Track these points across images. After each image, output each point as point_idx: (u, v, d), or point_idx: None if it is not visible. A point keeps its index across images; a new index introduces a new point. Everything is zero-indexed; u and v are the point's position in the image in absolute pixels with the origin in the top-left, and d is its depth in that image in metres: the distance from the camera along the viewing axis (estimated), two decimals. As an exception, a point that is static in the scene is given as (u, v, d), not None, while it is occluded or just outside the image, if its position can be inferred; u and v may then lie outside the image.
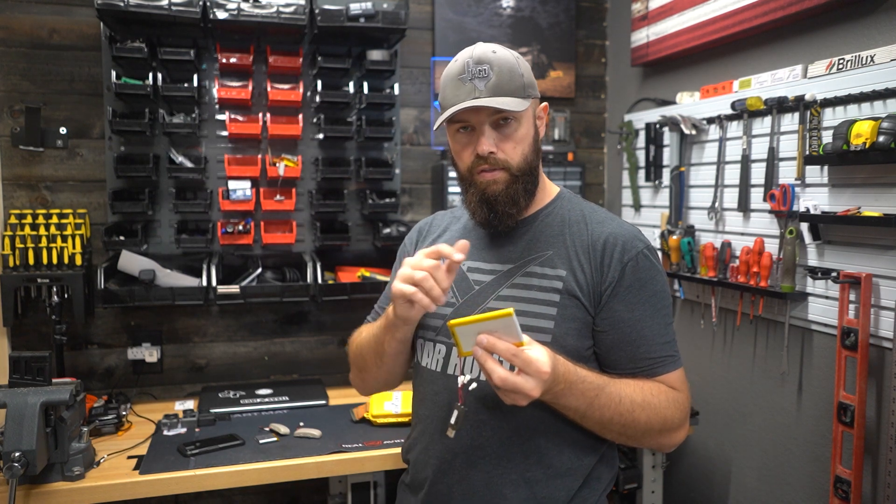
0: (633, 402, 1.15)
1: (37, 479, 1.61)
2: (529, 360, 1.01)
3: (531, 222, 1.28)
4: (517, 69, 1.20)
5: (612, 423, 1.16)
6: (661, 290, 1.22)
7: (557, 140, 2.69)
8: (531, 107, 1.23)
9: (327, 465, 1.80)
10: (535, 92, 1.24)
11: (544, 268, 1.23)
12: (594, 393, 1.12)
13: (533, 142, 1.25)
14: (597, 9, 2.79)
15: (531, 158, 1.24)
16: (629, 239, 1.22)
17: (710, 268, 2.06)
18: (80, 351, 2.28)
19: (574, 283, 1.21)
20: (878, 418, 1.60)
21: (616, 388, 1.15)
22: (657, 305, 1.21)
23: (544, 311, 1.21)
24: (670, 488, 2.36)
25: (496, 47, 1.22)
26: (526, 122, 1.23)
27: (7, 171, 2.18)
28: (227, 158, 2.32)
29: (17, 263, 2.03)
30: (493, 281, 1.26)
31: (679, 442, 1.25)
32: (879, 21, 1.63)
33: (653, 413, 1.17)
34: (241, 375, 2.45)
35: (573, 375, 1.09)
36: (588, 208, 1.30)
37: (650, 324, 1.20)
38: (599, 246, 1.22)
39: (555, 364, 1.05)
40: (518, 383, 1.01)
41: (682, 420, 1.22)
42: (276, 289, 2.23)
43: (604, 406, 1.13)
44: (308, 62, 2.38)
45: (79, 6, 2.21)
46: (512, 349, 1.02)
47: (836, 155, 1.59)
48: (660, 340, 1.21)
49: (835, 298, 1.69)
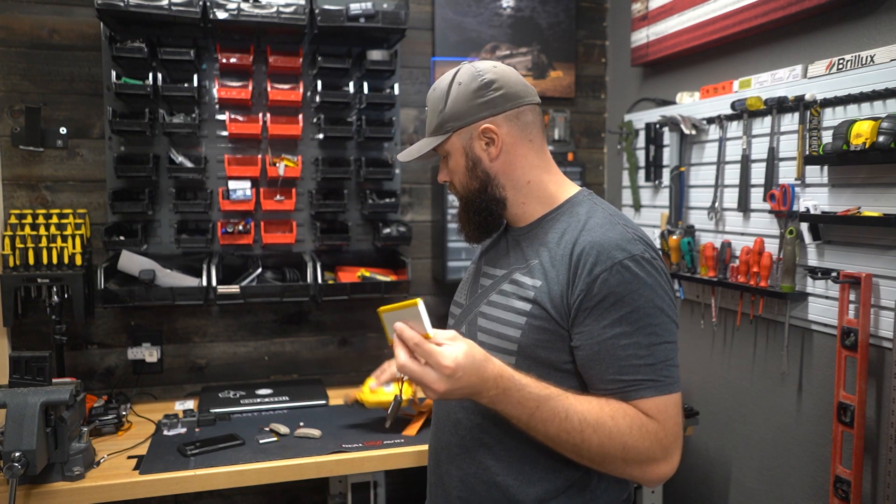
0: (584, 420, 1.07)
1: (37, 479, 1.61)
2: (430, 351, 1.01)
3: (533, 228, 1.27)
4: (438, 106, 1.26)
5: (560, 440, 1.09)
6: (645, 305, 1.10)
7: (557, 140, 2.69)
8: (456, 138, 1.25)
9: (327, 465, 1.80)
10: (458, 122, 1.24)
11: (524, 277, 1.22)
12: (534, 404, 1.06)
13: (466, 171, 1.26)
14: (597, 9, 2.79)
15: (470, 185, 1.27)
16: (608, 249, 1.12)
17: (710, 268, 2.06)
18: (80, 351, 2.28)
19: (546, 295, 1.16)
20: (878, 418, 1.60)
21: (564, 404, 1.08)
22: (638, 323, 1.09)
23: (514, 320, 1.19)
24: (670, 488, 2.36)
25: (440, 81, 1.28)
26: (454, 153, 1.26)
27: (7, 171, 2.18)
28: (227, 158, 2.32)
29: (17, 263, 2.03)
30: (491, 286, 1.28)
31: (660, 477, 1.12)
32: (879, 21, 1.63)
33: (606, 437, 1.07)
34: (241, 375, 2.45)
35: (508, 382, 1.05)
36: (594, 213, 1.22)
37: (625, 343, 1.09)
38: (575, 256, 1.14)
39: (476, 366, 1.03)
40: (415, 372, 1.02)
41: (656, 453, 1.10)
42: (276, 289, 2.23)
43: (547, 420, 1.07)
44: (308, 62, 2.38)
45: (79, 6, 2.21)
46: (415, 339, 1.02)
47: (836, 155, 1.59)
48: (636, 362, 1.10)
49: (835, 298, 1.69)
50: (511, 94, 1.23)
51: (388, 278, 2.39)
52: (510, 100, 1.23)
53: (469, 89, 1.23)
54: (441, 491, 1.31)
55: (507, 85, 1.23)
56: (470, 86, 1.23)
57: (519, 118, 1.24)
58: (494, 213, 1.28)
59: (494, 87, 1.22)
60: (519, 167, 1.26)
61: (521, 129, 1.24)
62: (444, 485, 1.30)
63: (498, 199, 1.27)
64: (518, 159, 1.25)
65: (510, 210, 1.29)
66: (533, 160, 1.26)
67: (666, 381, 1.10)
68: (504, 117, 1.23)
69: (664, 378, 1.10)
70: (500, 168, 1.25)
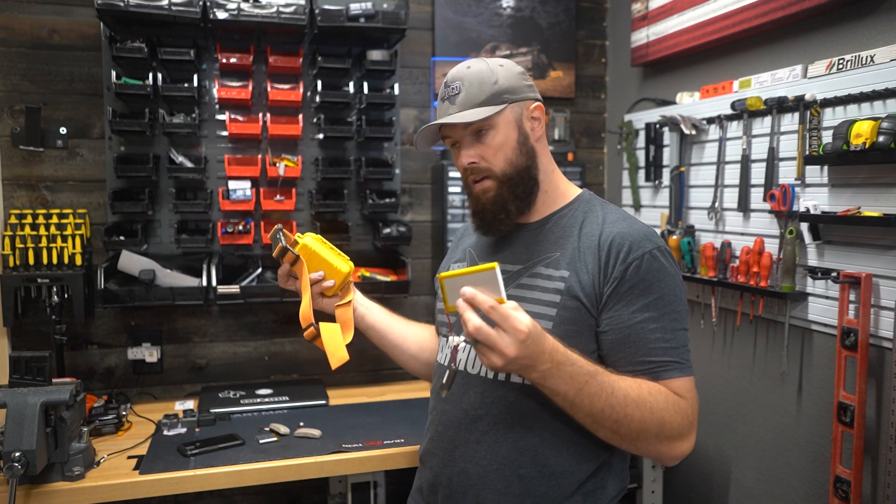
0: (628, 396, 1.11)
1: (37, 479, 1.61)
2: (507, 315, 1.01)
3: (544, 224, 1.30)
4: (489, 78, 1.25)
5: (604, 417, 1.11)
6: (669, 293, 1.19)
7: (557, 140, 2.69)
8: (510, 111, 1.26)
9: (327, 465, 1.80)
10: (515, 96, 1.27)
11: (549, 269, 1.24)
12: (584, 379, 1.09)
13: (518, 145, 1.27)
14: (597, 9, 2.79)
15: (518, 162, 1.27)
16: (638, 239, 1.20)
17: (710, 268, 2.06)
18: (80, 351, 2.28)
19: (577, 285, 1.20)
20: (878, 418, 1.60)
21: (609, 379, 1.12)
22: (664, 309, 1.18)
23: (544, 311, 1.21)
24: (670, 488, 2.36)
25: (474, 62, 1.29)
26: (504, 127, 1.26)
27: (7, 171, 2.18)
28: (227, 158, 2.32)
29: (17, 263, 2.03)
30: (506, 279, 1.27)
31: (682, 454, 1.19)
32: (879, 21, 1.63)
33: (648, 412, 1.12)
34: (241, 375, 2.45)
35: (562, 356, 1.07)
36: (608, 210, 1.30)
37: (653, 327, 1.17)
38: (606, 245, 1.21)
39: (539, 336, 1.04)
40: (491, 336, 1.01)
41: (684, 429, 1.17)
42: (276, 289, 2.23)
43: (594, 395, 1.10)
44: (308, 62, 2.38)
45: (79, 6, 2.21)
46: (490, 302, 1.02)
47: (836, 155, 1.59)
48: (664, 345, 1.17)
49: (835, 298, 1.69)
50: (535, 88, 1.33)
51: (388, 278, 2.39)
52: (537, 92, 1.33)
53: (515, 70, 1.30)
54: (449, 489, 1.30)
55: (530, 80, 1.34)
56: (514, 69, 1.30)
57: (542, 112, 1.32)
58: (533, 194, 1.30)
59: (527, 75, 1.32)
60: (545, 154, 1.33)
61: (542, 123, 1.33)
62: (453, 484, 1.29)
63: (537, 181, 1.30)
64: (544, 147, 1.33)
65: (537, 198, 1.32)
66: (547, 153, 1.34)
67: (686, 364, 1.20)
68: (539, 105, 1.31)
69: (685, 361, 1.20)
70: (538, 150, 1.31)
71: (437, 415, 1.36)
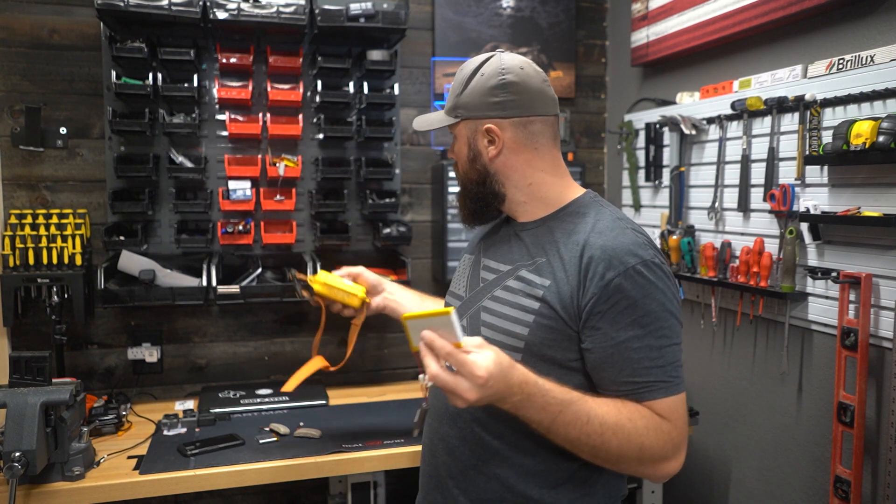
0: (604, 423, 1.09)
1: (37, 479, 1.61)
2: (463, 361, 1.00)
3: (539, 226, 1.28)
4: (458, 89, 1.28)
5: (580, 444, 1.10)
6: (656, 309, 1.13)
7: (557, 140, 2.69)
8: (464, 126, 1.27)
9: (327, 465, 1.80)
10: (468, 112, 1.26)
11: (532, 275, 1.22)
12: (557, 408, 1.07)
13: (467, 161, 1.29)
14: (597, 9, 2.79)
15: (470, 175, 1.30)
16: (620, 254, 1.14)
17: (710, 268, 2.06)
18: (80, 351, 2.28)
19: (556, 295, 1.17)
20: (878, 418, 1.60)
21: (585, 407, 1.09)
22: (650, 326, 1.12)
23: (522, 317, 1.20)
24: (670, 488, 2.36)
25: (471, 62, 1.29)
26: (460, 139, 1.30)
27: (7, 171, 2.18)
28: (227, 158, 2.32)
29: (17, 263, 2.03)
30: (493, 280, 1.28)
31: (668, 474, 1.16)
32: (879, 21, 1.63)
33: (625, 439, 1.10)
34: (241, 375, 2.45)
35: (532, 387, 1.06)
36: (601, 215, 1.23)
37: (637, 346, 1.12)
38: (585, 260, 1.15)
39: (505, 372, 1.03)
40: (449, 383, 1.01)
41: (668, 452, 1.13)
42: (276, 289, 2.23)
43: (569, 423, 1.08)
44: (308, 62, 2.38)
45: (79, 6, 2.21)
46: (447, 348, 1.01)
47: (836, 155, 1.59)
48: (648, 364, 1.12)
49: (835, 298, 1.69)
50: (524, 103, 1.24)
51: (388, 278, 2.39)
52: (521, 107, 1.24)
53: (487, 85, 1.24)
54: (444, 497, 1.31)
55: (523, 92, 1.24)
56: (489, 81, 1.24)
57: (526, 127, 1.25)
58: (491, 205, 1.30)
59: (510, 90, 1.23)
60: (519, 170, 1.27)
61: (528, 137, 1.25)
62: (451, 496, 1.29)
63: (496, 193, 1.29)
64: (519, 163, 1.27)
65: (509, 206, 1.30)
66: (537, 164, 1.27)
67: (675, 382, 1.14)
68: (510, 122, 1.24)
69: (673, 378, 1.14)
70: (499, 167, 1.27)
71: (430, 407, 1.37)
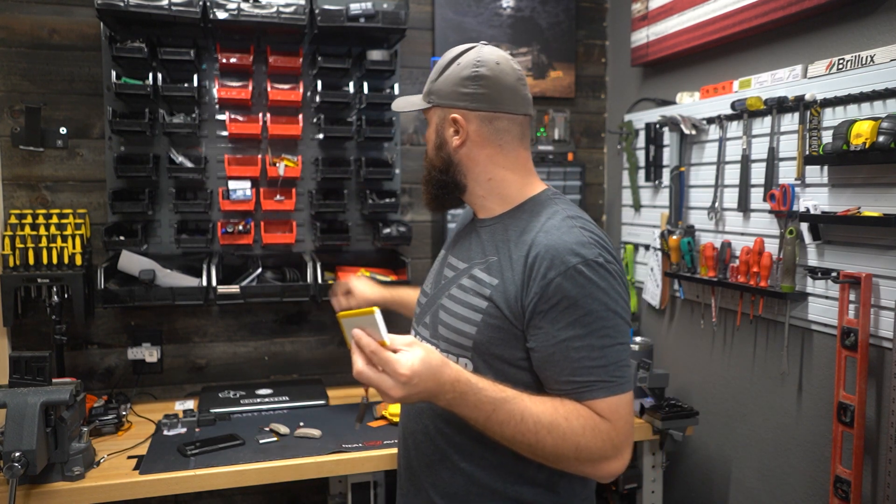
0: (539, 422, 1.10)
1: (37, 479, 1.61)
2: (387, 359, 1.03)
3: (495, 223, 1.30)
4: (434, 75, 1.31)
5: (516, 442, 1.11)
6: (597, 309, 1.12)
7: (557, 140, 2.69)
8: (434, 113, 1.31)
9: (327, 465, 1.80)
10: (439, 100, 1.29)
11: (483, 273, 1.24)
12: (491, 407, 1.09)
13: (434, 147, 1.32)
14: (597, 9, 2.79)
15: (435, 161, 1.33)
16: (562, 253, 1.14)
17: (710, 268, 2.06)
18: (80, 351, 2.28)
19: (502, 295, 1.19)
20: (878, 418, 1.60)
21: (520, 406, 1.10)
22: (592, 326, 1.12)
23: (471, 316, 1.22)
24: (670, 488, 2.36)
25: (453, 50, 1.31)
26: (430, 125, 1.33)
27: (7, 171, 2.18)
28: (227, 158, 2.32)
29: (18, 263, 2.03)
30: (452, 279, 1.32)
31: (611, 473, 1.16)
32: (879, 21, 1.63)
33: (560, 438, 1.10)
34: (241, 375, 2.45)
35: (464, 385, 1.07)
36: (554, 213, 1.23)
37: (578, 345, 1.12)
38: (531, 259, 1.16)
39: (434, 371, 1.05)
40: (372, 379, 1.04)
41: (607, 451, 1.13)
42: (276, 289, 2.23)
43: (503, 422, 1.09)
44: (308, 62, 2.38)
45: (79, 6, 2.21)
46: (372, 346, 1.04)
47: (836, 155, 1.59)
48: (589, 364, 1.12)
49: (835, 298, 1.69)
50: (492, 98, 1.26)
51: (388, 278, 2.39)
52: (489, 102, 1.26)
53: (460, 75, 1.26)
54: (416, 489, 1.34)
55: (493, 87, 1.26)
56: (463, 72, 1.26)
57: (492, 122, 1.27)
58: (452, 193, 1.33)
59: (481, 83, 1.25)
60: (481, 164, 1.29)
61: (493, 132, 1.27)
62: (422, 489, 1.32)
63: (458, 183, 1.32)
64: (482, 157, 1.29)
65: (470, 198, 1.34)
66: (499, 161, 1.29)
67: (618, 382, 1.14)
68: (476, 115, 1.27)
69: (616, 378, 1.13)
70: (462, 158, 1.30)
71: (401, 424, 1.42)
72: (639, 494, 2.14)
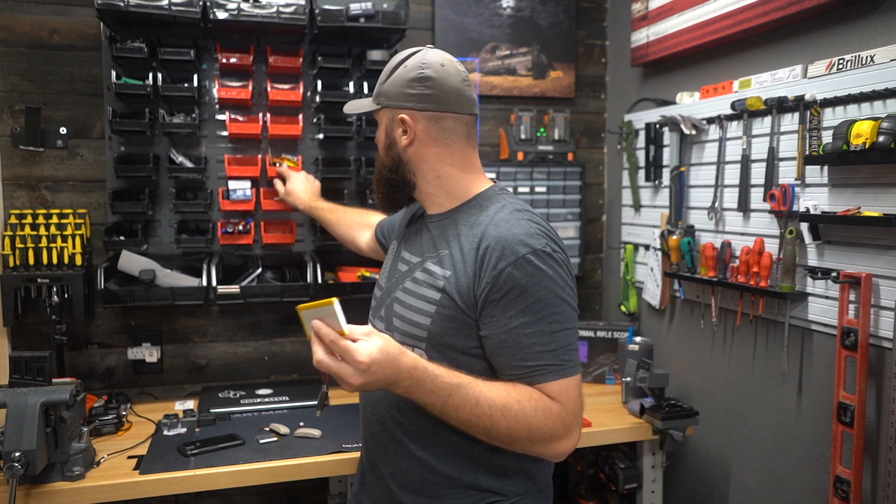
0: (493, 405, 1.15)
1: (37, 479, 1.61)
2: (346, 348, 1.07)
3: (444, 218, 1.35)
4: (383, 77, 1.36)
5: (471, 425, 1.17)
6: (546, 296, 1.19)
7: (557, 140, 2.69)
8: (384, 114, 1.36)
9: (327, 465, 1.80)
10: (388, 101, 1.34)
11: (435, 266, 1.29)
12: (447, 392, 1.14)
13: (384, 147, 1.37)
14: (597, 9, 2.79)
15: (385, 161, 1.37)
16: (511, 244, 1.20)
17: (710, 268, 2.06)
18: (80, 351, 2.28)
19: (455, 286, 1.24)
20: (878, 418, 1.60)
21: (475, 390, 1.16)
22: (541, 313, 1.18)
23: (425, 308, 1.27)
24: (670, 488, 2.36)
25: (401, 53, 1.35)
26: (380, 125, 1.39)
27: (7, 171, 2.18)
28: (227, 158, 2.32)
29: (17, 263, 2.03)
30: (406, 272, 1.36)
31: (563, 452, 1.22)
32: (879, 21, 1.63)
33: (513, 420, 1.16)
34: (241, 375, 2.45)
35: (421, 373, 1.12)
36: (502, 207, 1.29)
37: (529, 332, 1.18)
38: (482, 250, 1.22)
39: (391, 359, 1.09)
40: (332, 368, 1.08)
41: (558, 431, 1.19)
42: (276, 289, 2.23)
43: (459, 406, 1.15)
44: (308, 62, 2.38)
45: (79, 6, 2.21)
46: (331, 335, 1.08)
47: (836, 155, 1.59)
48: (540, 349, 1.19)
49: (835, 298, 1.69)
50: (438, 98, 1.31)
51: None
52: (435, 102, 1.31)
53: (407, 77, 1.31)
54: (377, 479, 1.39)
55: (438, 88, 1.30)
56: (409, 73, 1.31)
57: (438, 122, 1.32)
58: (402, 192, 1.38)
59: (427, 84, 1.30)
60: (430, 162, 1.34)
61: (439, 132, 1.32)
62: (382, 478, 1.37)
63: (407, 181, 1.36)
64: (430, 156, 1.33)
65: (420, 196, 1.38)
66: (446, 159, 1.34)
67: (567, 365, 1.20)
68: (423, 116, 1.31)
69: (565, 362, 1.20)
70: (411, 157, 1.34)
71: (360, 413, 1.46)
72: (639, 494, 2.14)
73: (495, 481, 1.28)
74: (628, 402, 2.18)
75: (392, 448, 1.33)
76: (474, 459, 1.27)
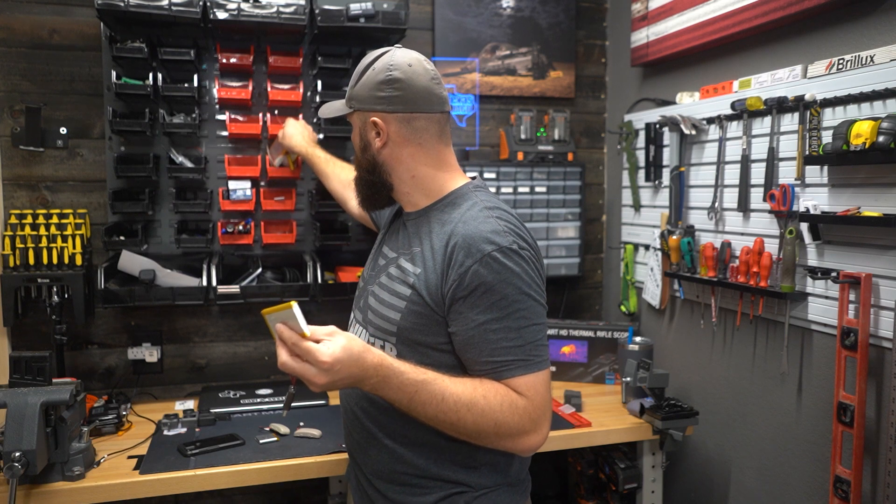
0: (459, 401, 1.17)
1: (37, 479, 1.61)
2: (307, 349, 1.09)
3: (420, 216, 1.36)
4: (353, 80, 1.37)
5: (438, 421, 1.18)
6: (512, 293, 1.20)
7: (557, 140, 2.69)
8: (356, 117, 1.37)
9: (327, 465, 1.80)
10: (359, 104, 1.35)
11: (407, 263, 1.31)
12: (413, 388, 1.15)
13: (359, 150, 1.39)
14: (597, 9, 2.79)
15: (361, 163, 1.39)
16: (478, 242, 1.20)
17: (710, 268, 2.06)
18: (80, 351, 2.28)
19: (424, 283, 1.26)
20: (877, 418, 1.60)
21: (441, 386, 1.17)
22: (508, 309, 1.19)
23: (396, 303, 1.29)
24: (670, 488, 2.36)
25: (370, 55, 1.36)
26: (354, 128, 1.39)
27: (7, 171, 2.18)
28: (227, 158, 2.32)
29: (18, 263, 2.03)
30: (383, 267, 1.38)
31: (531, 447, 1.23)
32: (879, 21, 1.63)
33: (479, 415, 1.17)
34: (241, 375, 2.45)
35: (387, 370, 1.14)
36: (473, 204, 1.29)
37: (496, 328, 1.19)
38: (450, 248, 1.23)
39: (356, 357, 1.10)
40: (296, 369, 1.10)
41: (526, 426, 1.20)
42: (276, 289, 2.23)
43: (425, 402, 1.16)
44: (308, 62, 2.38)
45: (79, 6, 2.21)
46: (293, 338, 1.10)
47: (835, 155, 1.59)
48: (507, 345, 1.19)
49: (835, 298, 1.69)
50: (408, 99, 1.31)
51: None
52: (405, 103, 1.31)
53: (375, 79, 1.32)
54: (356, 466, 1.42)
55: (408, 89, 1.31)
56: (377, 76, 1.32)
57: (410, 123, 1.32)
58: (381, 192, 1.39)
59: (396, 86, 1.30)
60: (404, 163, 1.35)
61: (412, 132, 1.32)
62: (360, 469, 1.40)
63: (385, 182, 1.37)
64: (404, 156, 1.34)
65: (398, 195, 1.39)
66: (420, 159, 1.34)
67: (534, 360, 1.21)
68: (395, 117, 1.32)
69: (532, 357, 1.21)
70: (386, 158, 1.35)
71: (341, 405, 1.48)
72: (639, 494, 2.14)
73: (464, 474, 1.29)
74: (628, 402, 2.18)
75: (363, 438, 1.36)
76: (442, 451, 1.29)
